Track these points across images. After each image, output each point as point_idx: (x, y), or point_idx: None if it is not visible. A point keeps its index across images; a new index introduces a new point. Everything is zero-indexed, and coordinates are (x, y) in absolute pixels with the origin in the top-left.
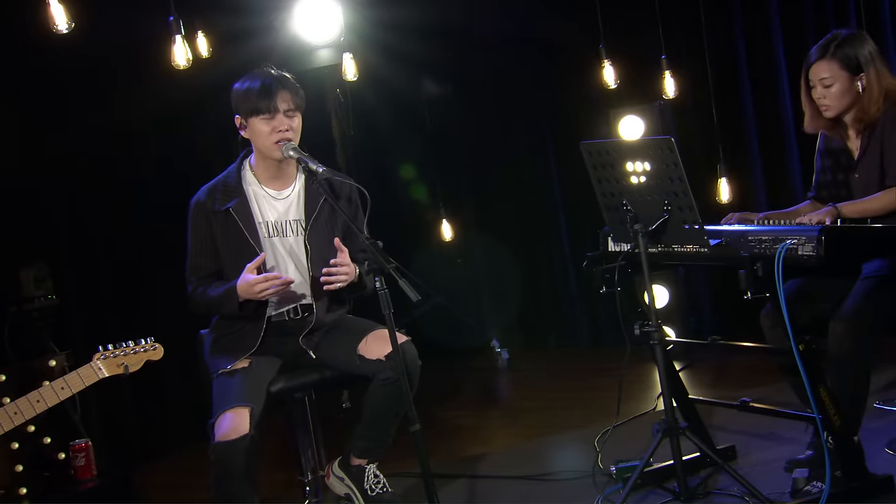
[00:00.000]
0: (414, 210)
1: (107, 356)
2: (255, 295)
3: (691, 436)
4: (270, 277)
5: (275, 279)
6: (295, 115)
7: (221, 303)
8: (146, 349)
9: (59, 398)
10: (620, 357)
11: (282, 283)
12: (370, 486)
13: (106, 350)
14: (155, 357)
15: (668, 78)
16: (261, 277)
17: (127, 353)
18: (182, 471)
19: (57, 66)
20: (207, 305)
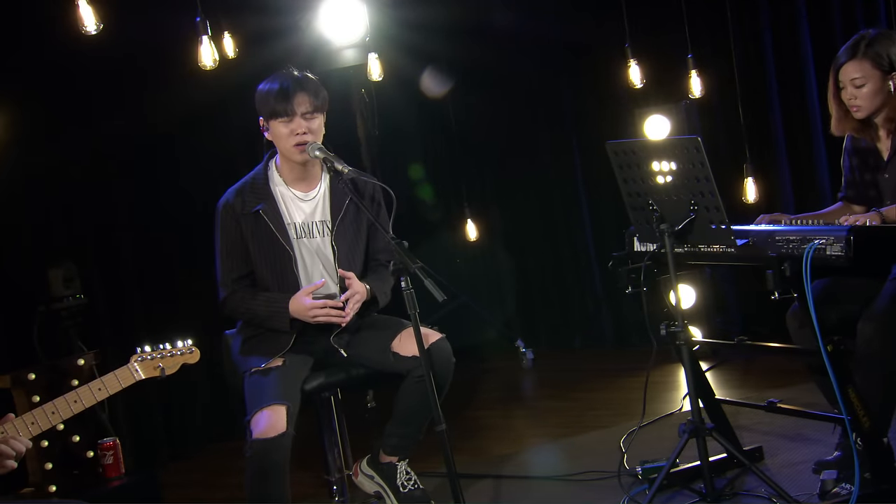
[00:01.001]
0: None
1: (144, 358)
2: (308, 318)
3: (718, 436)
4: (329, 304)
5: (333, 309)
6: (314, 117)
7: (271, 318)
8: (183, 352)
9: (95, 399)
10: (646, 357)
11: (338, 316)
12: (402, 483)
13: (143, 352)
14: (191, 360)
15: (694, 77)
16: (319, 303)
17: (164, 355)
18: (207, 469)
19: (84, 67)
20: (251, 317)
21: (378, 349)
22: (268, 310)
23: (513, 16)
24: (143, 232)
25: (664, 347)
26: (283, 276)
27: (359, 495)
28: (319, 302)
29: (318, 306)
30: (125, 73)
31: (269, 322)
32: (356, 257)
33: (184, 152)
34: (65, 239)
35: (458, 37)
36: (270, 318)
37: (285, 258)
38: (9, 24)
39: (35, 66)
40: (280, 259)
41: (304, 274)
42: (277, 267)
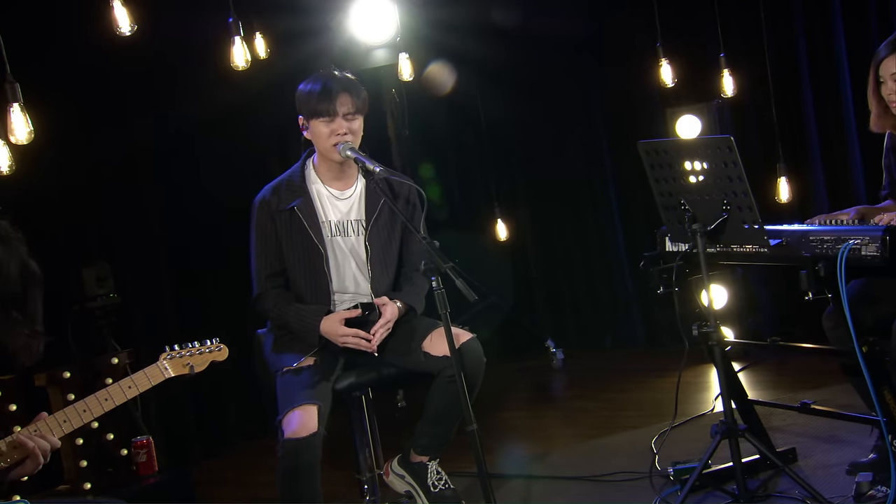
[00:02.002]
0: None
1: (173, 356)
2: (338, 342)
3: (751, 438)
4: (361, 335)
5: (364, 341)
6: (355, 118)
7: (299, 332)
8: (211, 350)
9: (126, 397)
10: (677, 358)
11: (368, 349)
12: (433, 483)
13: (172, 350)
14: (220, 358)
15: (726, 76)
16: (351, 332)
17: (193, 353)
18: (239, 467)
19: (117, 68)
20: (281, 323)
21: (409, 349)
22: (299, 323)
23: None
24: (174, 231)
25: (696, 348)
26: (314, 274)
27: (389, 495)
28: (351, 331)
29: (349, 335)
30: (157, 73)
31: (298, 333)
32: (389, 258)
33: (215, 152)
34: (98, 238)
35: (488, 36)
36: (299, 331)
37: (317, 256)
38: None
39: (70, 68)
40: (312, 256)
41: (335, 272)
42: (309, 264)
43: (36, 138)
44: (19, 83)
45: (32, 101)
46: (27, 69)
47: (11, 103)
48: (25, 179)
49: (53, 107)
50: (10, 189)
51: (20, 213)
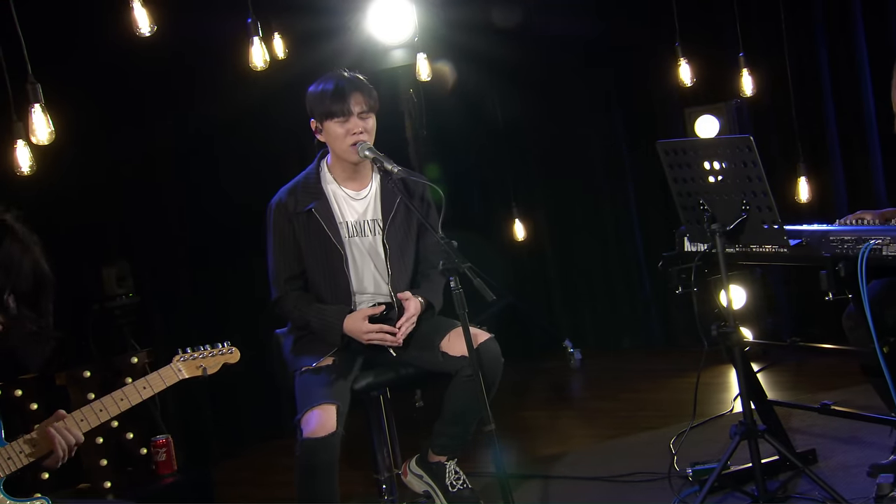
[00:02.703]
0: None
1: (186, 358)
2: (362, 339)
3: (770, 438)
4: (385, 329)
5: (389, 335)
6: (369, 117)
7: (322, 332)
8: (223, 352)
9: (141, 397)
10: (695, 358)
11: (393, 342)
12: (451, 483)
13: (185, 352)
14: (232, 360)
15: (745, 76)
16: (375, 328)
17: (205, 355)
18: (256, 467)
19: (137, 69)
20: (303, 324)
21: (427, 349)
22: (321, 323)
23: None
24: (193, 231)
25: (714, 348)
26: (334, 275)
27: (407, 495)
28: (375, 326)
29: (374, 330)
30: (176, 74)
31: (320, 333)
32: (406, 256)
33: (234, 152)
34: (117, 238)
35: (506, 37)
36: (321, 331)
37: (336, 257)
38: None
39: (90, 69)
40: (331, 257)
41: (354, 273)
42: (328, 265)
43: (57, 138)
44: (40, 83)
45: (53, 102)
46: (48, 69)
47: (33, 104)
48: (46, 179)
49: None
50: (31, 189)
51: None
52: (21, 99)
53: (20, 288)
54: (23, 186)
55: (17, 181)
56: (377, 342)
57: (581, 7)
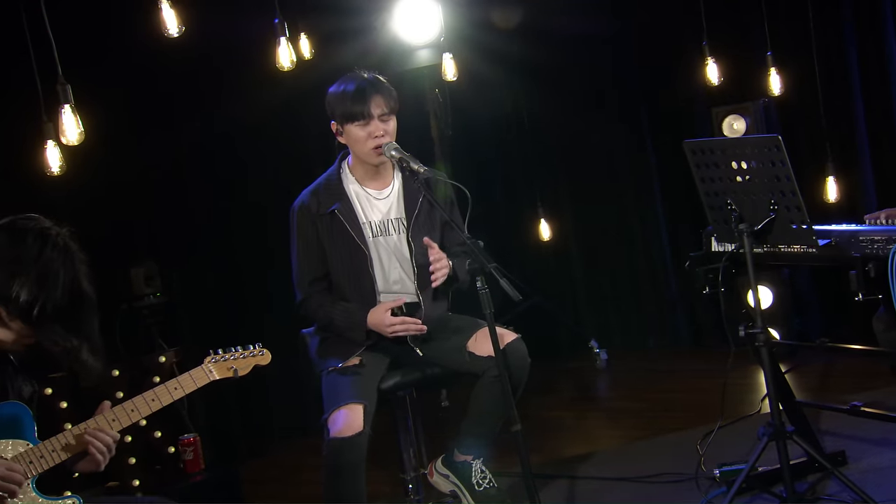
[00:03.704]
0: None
1: (217, 359)
2: (386, 333)
3: (799, 440)
4: (409, 321)
5: (413, 324)
6: (390, 119)
7: (347, 330)
8: (255, 354)
9: (172, 398)
10: (721, 359)
11: (417, 329)
12: (477, 482)
13: (216, 354)
14: (263, 362)
15: (773, 75)
16: (398, 320)
17: (236, 357)
18: (283, 466)
19: (165, 70)
20: (328, 323)
21: (454, 349)
22: (345, 320)
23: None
24: (220, 231)
25: (741, 349)
26: (359, 276)
27: (433, 494)
28: (398, 318)
29: (397, 322)
30: (204, 74)
31: (346, 334)
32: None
33: (260, 153)
34: (145, 238)
35: (532, 36)
36: (346, 329)
37: (360, 257)
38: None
39: (120, 70)
40: (355, 258)
41: (379, 272)
42: (353, 266)
43: (86, 139)
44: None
45: (83, 103)
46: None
47: (63, 105)
48: (76, 180)
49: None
50: (60, 189)
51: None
52: (51, 100)
53: (54, 302)
54: (52, 187)
55: (47, 181)
56: (401, 332)
57: (608, 6)
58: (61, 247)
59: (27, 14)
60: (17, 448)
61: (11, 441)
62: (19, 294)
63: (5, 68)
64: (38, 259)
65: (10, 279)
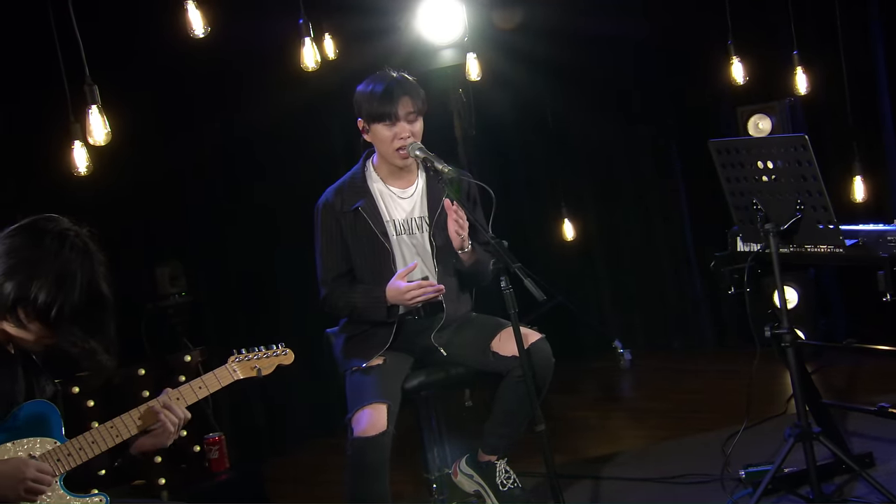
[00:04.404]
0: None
1: (241, 359)
2: (406, 301)
3: (826, 441)
4: (424, 284)
5: (429, 286)
6: (416, 120)
7: (368, 309)
8: (278, 354)
9: (197, 397)
10: (746, 359)
11: (435, 290)
12: (501, 482)
13: (240, 353)
14: (286, 362)
15: (799, 74)
16: (414, 285)
17: (260, 356)
18: (307, 465)
19: (191, 70)
20: (351, 310)
21: (478, 348)
22: (365, 300)
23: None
24: (244, 231)
25: (766, 349)
26: (382, 274)
27: (457, 494)
28: (414, 283)
29: (414, 287)
30: (228, 75)
31: (367, 313)
32: (454, 253)
33: (284, 153)
34: (170, 238)
35: (557, 37)
36: (368, 308)
37: (384, 255)
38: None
39: (146, 70)
40: (379, 256)
41: None
42: (376, 264)
43: (112, 139)
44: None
45: (109, 103)
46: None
47: (90, 105)
48: (102, 180)
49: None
50: (87, 189)
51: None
52: (79, 101)
53: (72, 303)
54: (79, 187)
55: (74, 181)
56: (420, 298)
57: (633, 6)
58: (80, 248)
59: (55, 15)
60: (44, 446)
61: (39, 439)
62: (38, 296)
63: (33, 69)
64: (56, 261)
65: (28, 281)
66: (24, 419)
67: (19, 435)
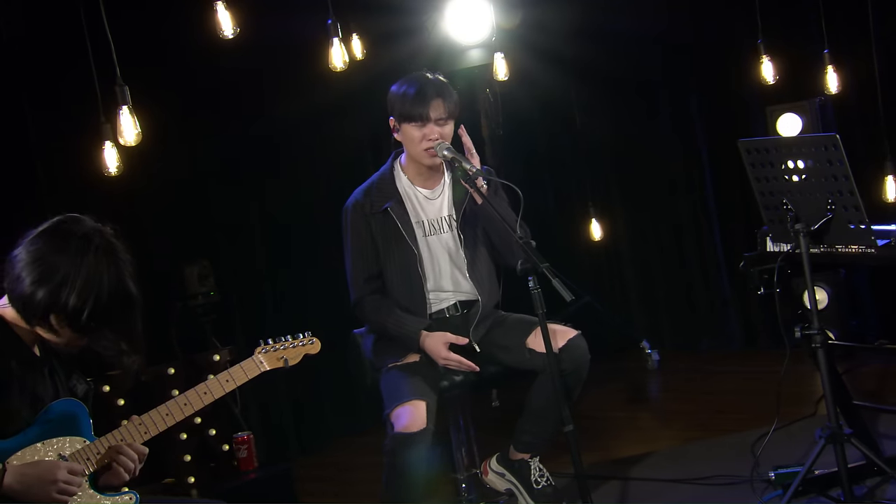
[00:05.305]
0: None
1: (267, 350)
2: (438, 360)
3: (857, 442)
4: (465, 362)
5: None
6: (447, 124)
7: (399, 339)
8: (304, 343)
9: (224, 390)
10: (775, 360)
11: (469, 368)
12: (535, 480)
13: (266, 344)
14: (313, 351)
15: (830, 72)
16: (455, 357)
17: (286, 346)
18: (335, 465)
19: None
20: (381, 329)
21: (513, 346)
22: (398, 331)
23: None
24: (272, 230)
25: (796, 349)
26: (409, 274)
27: (485, 493)
28: (455, 357)
29: (454, 358)
30: (257, 75)
31: (399, 343)
32: (480, 246)
33: (311, 153)
34: (199, 237)
35: (584, 37)
36: (398, 338)
37: (410, 256)
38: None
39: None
40: (406, 256)
41: (430, 271)
42: (404, 264)
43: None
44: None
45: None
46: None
47: (120, 106)
48: (132, 180)
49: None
50: (118, 189)
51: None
52: (109, 101)
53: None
54: (109, 186)
55: (104, 181)
56: (453, 367)
57: (661, 5)
58: (105, 249)
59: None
60: (74, 445)
61: (69, 438)
62: (67, 301)
63: (64, 70)
64: (83, 265)
65: (58, 288)
66: (54, 418)
67: (49, 434)
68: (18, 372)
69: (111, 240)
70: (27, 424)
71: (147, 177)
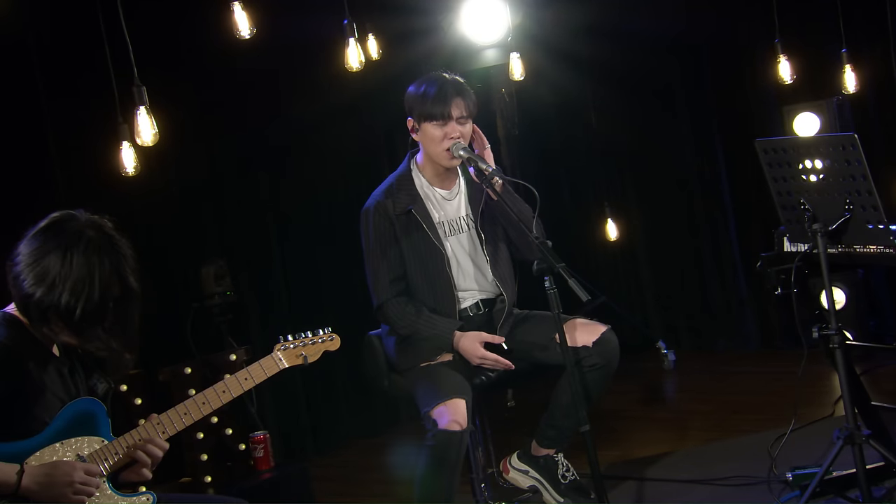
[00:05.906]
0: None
1: (286, 347)
2: (473, 360)
3: (876, 444)
4: (501, 361)
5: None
6: (467, 122)
7: (431, 339)
8: (324, 339)
9: (243, 388)
10: (792, 360)
11: (505, 367)
12: (562, 474)
13: (286, 341)
14: (332, 347)
15: (848, 72)
16: (491, 356)
17: (305, 343)
18: (351, 465)
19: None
20: (411, 332)
21: (542, 342)
22: (432, 332)
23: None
24: (288, 230)
25: (813, 350)
26: (436, 275)
27: (502, 493)
28: (492, 355)
29: (490, 358)
30: (272, 75)
31: (431, 344)
32: (500, 243)
33: (327, 152)
34: (216, 237)
35: (600, 36)
36: (432, 339)
37: (438, 257)
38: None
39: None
40: (433, 257)
41: (457, 271)
42: (430, 266)
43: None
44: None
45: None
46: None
47: (138, 106)
48: (149, 180)
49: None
50: (135, 189)
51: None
52: (127, 101)
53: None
54: (126, 186)
55: (122, 181)
56: (488, 367)
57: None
58: (97, 245)
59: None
60: (92, 445)
61: (87, 438)
62: (59, 301)
63: (82, 70)
64: (73, 264)
65: (51, 288)
66: (72, 418)
67: (67, 434)
68: (36, 373)
69: (108, 233)
70: (45, 424)
71: (163, 177)
